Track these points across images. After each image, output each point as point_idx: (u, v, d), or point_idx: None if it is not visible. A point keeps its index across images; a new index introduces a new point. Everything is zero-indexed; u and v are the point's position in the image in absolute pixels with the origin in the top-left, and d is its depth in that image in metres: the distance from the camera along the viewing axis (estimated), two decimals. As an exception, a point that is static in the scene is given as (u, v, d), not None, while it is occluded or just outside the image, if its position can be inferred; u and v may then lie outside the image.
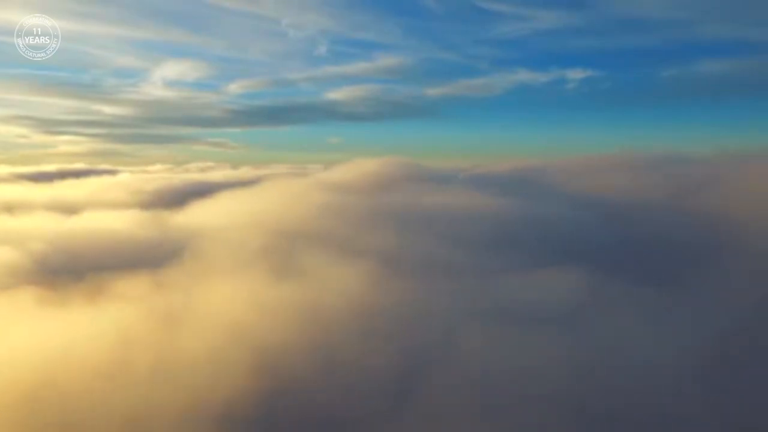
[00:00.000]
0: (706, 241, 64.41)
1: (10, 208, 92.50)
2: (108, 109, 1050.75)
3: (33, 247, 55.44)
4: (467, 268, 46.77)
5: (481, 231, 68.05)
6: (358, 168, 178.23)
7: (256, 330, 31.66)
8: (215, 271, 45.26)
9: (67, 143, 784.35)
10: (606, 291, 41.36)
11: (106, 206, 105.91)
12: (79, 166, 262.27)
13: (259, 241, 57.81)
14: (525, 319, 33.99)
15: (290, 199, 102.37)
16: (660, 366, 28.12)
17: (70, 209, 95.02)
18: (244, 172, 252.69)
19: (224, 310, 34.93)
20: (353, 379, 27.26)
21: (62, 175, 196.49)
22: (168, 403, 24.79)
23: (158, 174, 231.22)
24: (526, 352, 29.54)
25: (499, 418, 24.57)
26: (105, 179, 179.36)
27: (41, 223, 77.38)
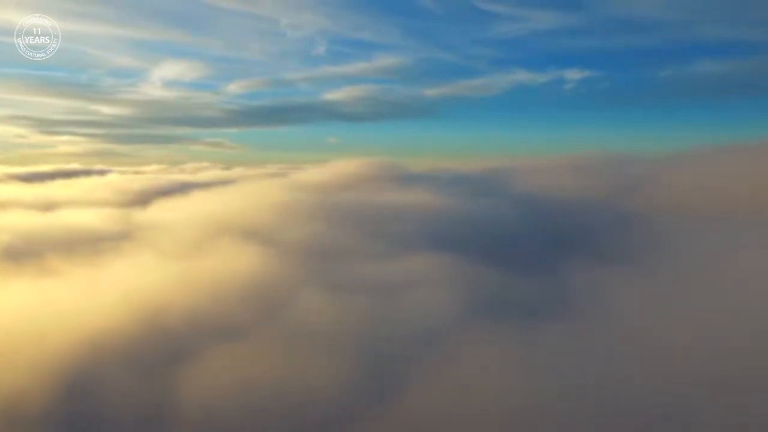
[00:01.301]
0: (604, 238, 73.12)
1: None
2: (106, 109, 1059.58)
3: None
4: (353, 254, 55.95)
5: (401, 225, 76.91)
6: (335, 169, 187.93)
7: (150, 296, 41.08)
8: (144, 257, 54.81)
9: (65, 143, 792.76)
10: (457, 274, 50.24)
11: (86, 205, 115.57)
12: (75, 166, 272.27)
13: (196, 233, 67.28)
14: (366, 291, 43.17)
15: (252, 197, 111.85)
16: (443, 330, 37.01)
17: (49, 207, 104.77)
18: (235, 172, 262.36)
19: (135, 283, 44.44)
20: (207, 327, 36.75)
21: (56, 175, 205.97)
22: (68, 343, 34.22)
23: (149, 174, 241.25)
24: (348, 313, 38.79)
25: (303, 352, 33.87)
26: (93, 179, 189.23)
27: (17, 219, 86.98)
